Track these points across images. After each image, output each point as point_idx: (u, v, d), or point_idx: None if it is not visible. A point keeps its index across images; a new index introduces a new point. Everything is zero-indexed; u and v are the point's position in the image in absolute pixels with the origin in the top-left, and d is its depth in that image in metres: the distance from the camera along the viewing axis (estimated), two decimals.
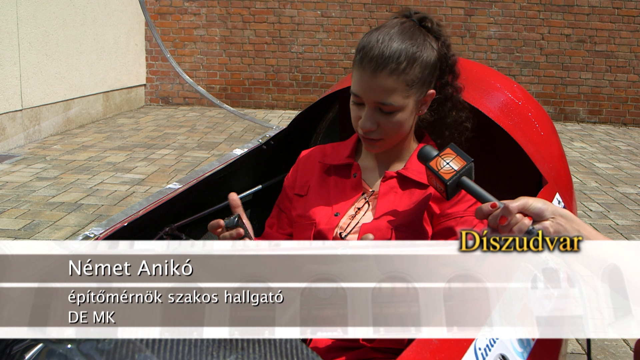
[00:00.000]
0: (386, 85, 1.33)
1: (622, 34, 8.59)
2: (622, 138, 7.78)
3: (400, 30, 1.37)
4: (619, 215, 4.51)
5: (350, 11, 8.71)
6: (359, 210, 1.44)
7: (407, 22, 1.41)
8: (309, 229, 1.43)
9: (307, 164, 1.57)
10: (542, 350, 1.11)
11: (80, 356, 0.70)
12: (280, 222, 1.57)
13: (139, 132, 6.99)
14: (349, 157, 1.51)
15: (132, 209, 1.65)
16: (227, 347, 0.71)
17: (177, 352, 0.69)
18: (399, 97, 1.35)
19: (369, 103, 1.36)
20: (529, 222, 1.16)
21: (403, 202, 1.41)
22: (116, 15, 8.02)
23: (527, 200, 1.17)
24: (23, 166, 5.27)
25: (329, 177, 1.51)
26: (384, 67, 1.32)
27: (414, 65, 1.35)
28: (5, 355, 0.77)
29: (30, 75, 6.22)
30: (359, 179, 1.47)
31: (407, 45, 1.35)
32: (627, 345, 2.64)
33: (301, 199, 1.51)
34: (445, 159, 1.27)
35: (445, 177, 1.25)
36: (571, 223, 1.16)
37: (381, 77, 1.33)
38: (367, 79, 1.34)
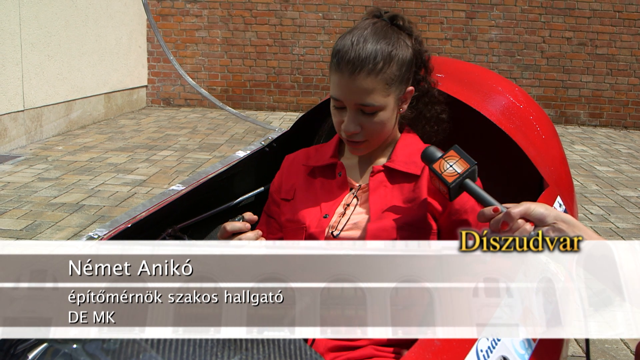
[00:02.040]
0: (365, 86, 1.34)
1: (623, 37, 8.60)
2: (623, 141, 7.78)
3: (374, 31, 1.38)
4: (620, 218, 4.52)
5: (351, 13, 8.72)
6: (348, 207, 1.44)
7: (379, 22, 1.42)
8: (300, 232, 1.43)
9: (292, 168, 1.58)
10: (543, 352, 1.12)
11: (85, 356, 0.71)
12: (269, 227, 1.58)
13: (141, 133, 6.99)
14: (332, 157, 1.52)
15: (135, 210, 1.66)
16: (231, 348, 0.71)
17: (181, 352, 0.69)
18: (379, 97, 1.36)
19: (350, 105, 1.37)
20: (530, 228, 1.16)
21: (395, 197, 1.42)
22: (118, 16, 8.03)
23: (530, 205, 1.18)
24: (25, 167, 5.28)
25: (314, 179, 1.52)
26: (361, 68, 1.33)
27: (391, 63, 1.36)
28: (9, 354, 0.77)
29: (32, 76, 6.23)
30: (344, 177, 1.48)
31: (382, 45, 1.36)
32: (628, 348, 2.65)
33: (288, 203, 1.52)
34: (448, 162, 1.28)
35: (449, 180, 1.26)
36: (573, 228, 1.16)
37: (359, 78, 1.34)
38: (346, 82, 1.35)
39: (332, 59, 1.39)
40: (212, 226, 1.94)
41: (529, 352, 1.08)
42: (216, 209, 1.90)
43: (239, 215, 1.32)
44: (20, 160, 5.49)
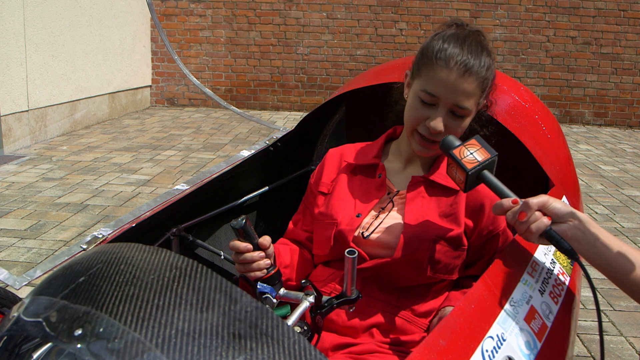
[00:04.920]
0: (469, 90, 1.34)
1: (627, 36, 8.57)
2: (628, 140, 7.76)
3: (477, 41, 1.38)
4: (625, 217, 4.50)
5: (355, 13, 8.72)
6: (382, 210, 1.44)
7: (476, 33, 1.41)
8: (330, 228, 1.44)
9: (334, 163, 1.58)
10: (548, 352, 1.11)
11: (89, 356, 0.71)
12: (305, 218, 1.59)
13: (145, 133, 7.00)
14: (375, 158, 1.52)
15: (140, 210, 1.66)
16: (235, 348, 0.71)
17: (186, 352, 0.69)
18: (473, 103, 1.37)
19: (446, 104, 1.36)
20: (547, 222, 1.14)
21: (432, 209, 1.42)
22: (122, 16, 8.04)
23: (549, 198, 1.16)
24: (29, 167, 5.29)
25: (354, 177, 1.52)
26: (472, 72, 1.33)
27: (491, 74, 1.38)
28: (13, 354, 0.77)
29: (37, 76, 6.24)
30: (383, 179, 1.49)
31: (488, 55, 1.37)
32: (633, 348, 2.64)
33: (325, 197, 1.53)
34: (469, 149, 1.25)
35: (468, 167, 1.22)
36: (590, 228, 1.15)
37: (468, 81, 1.33)
38: (453, 81, 1.33)
39: (434, 55, 1.35)
40: (217, 226, 1.94)
41: (534, 353, 1.07)
42: (221, 208, 1.90)
43: (242, 215, 1.31)
44: (24, 160, 5.50)
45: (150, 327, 0.70)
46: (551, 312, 1.19)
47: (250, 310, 0.74)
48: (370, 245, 1.40)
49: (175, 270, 0.79)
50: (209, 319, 0.72)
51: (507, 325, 1.07)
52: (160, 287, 0.76)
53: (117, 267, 0.81)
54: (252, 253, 1.26)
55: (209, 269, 0.79)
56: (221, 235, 1.94)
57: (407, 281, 1.39)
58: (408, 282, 1.40)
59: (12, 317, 0.80)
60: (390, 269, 1.37)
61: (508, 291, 1.14)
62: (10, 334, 0.78)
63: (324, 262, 1.49)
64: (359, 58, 8.81)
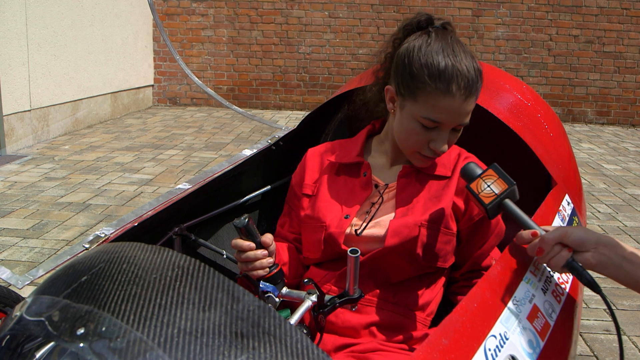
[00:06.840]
0: (470, 108, 1.33)
1: (630, 34, 8.56)
2: (631, 139, 7.74)
3: (462, 45, 1.35)
4: (628, 216, 4.49)
5: (357, 12, 8.72)
6: (374, 205, 1.43)
7: (453, 34, 1.38)
8: (319, 231, 1.42)
9: (315, 163, 1.56)
10: (551, 351, 1.11)
11: (92, 355, 0.71)
12: (291, 220, 1.57)
13: (147, 132, 7.01)
14: (358, 156, 1.50)
15: (142, 209, 1.66)
16: (238, 347, 0.71)
17: (188, 351, 0.69)
18: (470, 114, 1.35)
19: (449, 126, 1.34)
20: (567, 254, 1.12)
21: (422, 195, 1.41)
22: (124, 16, 8.05)
23: (567, 229, 1.13)
24: (32, 166, 5.30)
25: (338, 177, 1.50)
26: (473, 92, 1.30)
27: (481, 77, 1.35)
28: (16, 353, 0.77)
29: (39, 76, 6.25)
30: (368, 178, 1.47)
31: (472, 57, 1.33)
32: (636, 347, 2.63)
33: (309, 199, 1.50)
34: (486, 181, 1.25)
35: (485, 202, 1.23)
36: (615, 250, 1.10)
37: (470, 102, 1.31)
38: (457, 107, 1.30)
39: (435, 79, 1.29)
40: (219, 225, 1.94)
41: (537, 351, 1.07)
42: (223, 207, 1.90)
43: (244, 214, 1.31)
44: (27, 160, 5.51)
45: (152, 326, 0.70)
46: (554, 311, 1.19)
47: (253, 309, 0.74)
48: (363, 242, 1.39)
49: (177, 270, 0.79)
50: (212, 318, 0.72)
51: (510, 324, 1.07)
52: (162, 286, 0.76)
53: (120, 267, 0.81)
54: (255, 252, 1.25)
55: (211, 268, 0.79)
56: (223, 234, 1.94)
57: (401, 274, 1.38)
58: (402, 276, 1.38)
59: (15, 316, 0.81)
60: (383, 263, 1.36)
61: (511, 290, 1.13)
62: (12, 333, 0.78)
63: (316, 264, 1.48)
64: (361, 57, 8.80)
